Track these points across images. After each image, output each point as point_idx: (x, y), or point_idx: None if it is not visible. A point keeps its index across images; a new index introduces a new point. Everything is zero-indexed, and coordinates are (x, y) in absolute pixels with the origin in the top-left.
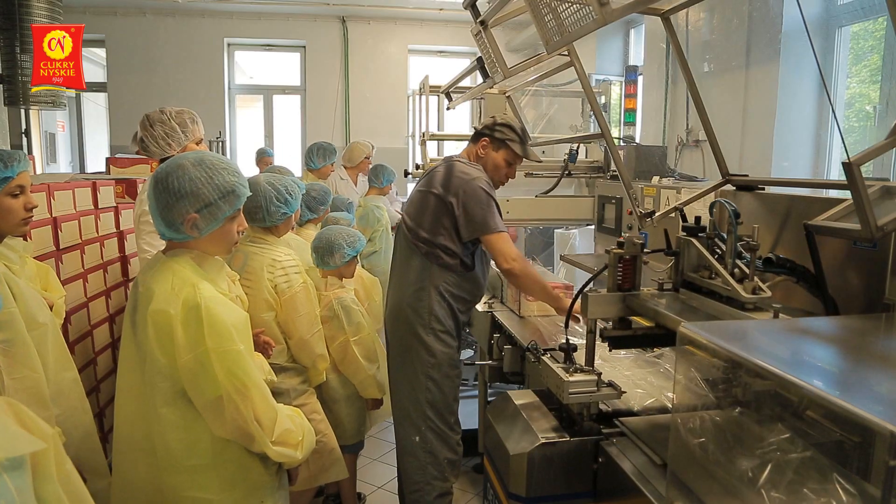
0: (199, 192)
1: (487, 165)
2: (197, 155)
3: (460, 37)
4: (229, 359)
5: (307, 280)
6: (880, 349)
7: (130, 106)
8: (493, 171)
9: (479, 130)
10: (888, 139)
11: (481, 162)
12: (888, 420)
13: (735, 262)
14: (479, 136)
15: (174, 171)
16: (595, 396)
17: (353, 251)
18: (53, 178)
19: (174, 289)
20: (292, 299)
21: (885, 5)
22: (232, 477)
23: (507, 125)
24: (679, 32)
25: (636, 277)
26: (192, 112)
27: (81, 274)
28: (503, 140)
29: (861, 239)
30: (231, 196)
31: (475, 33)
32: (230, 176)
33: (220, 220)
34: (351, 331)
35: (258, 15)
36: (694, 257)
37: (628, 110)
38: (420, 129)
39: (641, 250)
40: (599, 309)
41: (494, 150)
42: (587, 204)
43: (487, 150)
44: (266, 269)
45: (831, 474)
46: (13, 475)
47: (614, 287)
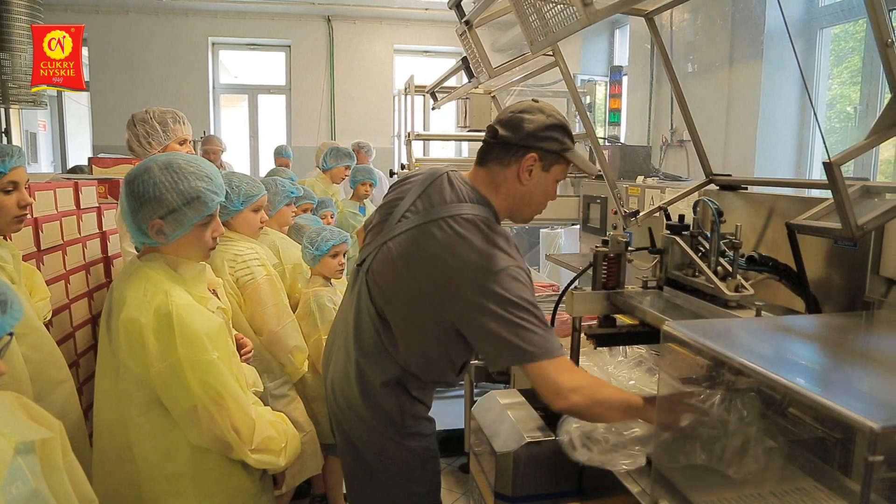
0: (162, 197)
1: (533, 196)
2: (167, 158)
3: (446, 37)
4: (202, 368)
5: (271, 272)
6: (861, 347)
7: (113, 105)
8: (540, 202)
9: (516, 142)
10: (867, 139)
11: (520, 192)
12: (868, 417)
13: (718, 261)
14: (522, 152)
15: (141, 174)
16: None
17: (316, 251)
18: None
19: (146, 296)
20: (255, 291)
21: (864, 8)
22: (212, 485)
23: (562, 126)
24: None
25: (621, 275)
26: (176, 112)
27: (63, 275)
28: (559, 153)
29: (841, 238)
30: (196, 203)
31: (460, 33)
32: (197, 181)
33: (186, 226)
34: (323, 328)
35: (243, 14)
36: (678, 255)
37: (613, 110)
38: (405, 129)
39: (626, 248)
40: (584, 307)
41: (545, 170)
42: (572, 204)
43: (535, 171)
44: (227, 265)
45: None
46: (26, 459)
47: (599, 285)
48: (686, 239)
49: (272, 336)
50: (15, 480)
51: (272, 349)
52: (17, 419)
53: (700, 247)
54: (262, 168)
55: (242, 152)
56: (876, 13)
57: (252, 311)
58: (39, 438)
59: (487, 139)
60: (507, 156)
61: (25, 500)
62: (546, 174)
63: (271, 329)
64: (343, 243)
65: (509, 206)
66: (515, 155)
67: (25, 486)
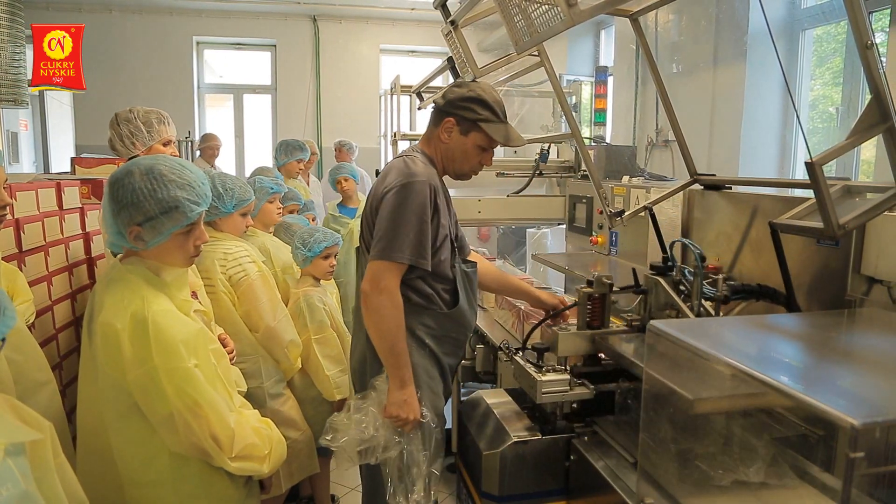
0: (140, 204)
1: (454, 153)
2: (150, 162)
3: (432, 37)
4: (178, 376)
5: (263, 269)
6: (843, 344)
7: (96, 105)
8: (462, 161)
9: (440, 107)
10: (848, 140)
11: (443, 149)
12: (849, 413)
13: (701, 304)
14: (443, 116)
15: (123, 177)
16: (568, 396)
17: (308, 252)
18: (16, 178)
19: (123, 300)
20: (250, 287)
21: (845, 10)
22: (193, 492)
23: (479, 100)
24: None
25: (605, 316)
26: (161, 112)
27: (46, 276)
28: (475, 121)
29: (824, 237)
30: (174, 213)
31: (446, 33)
32: (177, 190)
33: (164, 234)
34: (313, 328)
35: (228, 13)
36: (661, 296)
37: (598, 110)
38: (391, 129)
39: (610, 290)
40: (570, 347)
41: (463, 134)
42: (558, 203)
43: (453, 134)
44: (218, 263)
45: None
46: (16, 461)
47: (584, 325)
48: (669, 280)
49: (269, 331)
50: (5, 482)
51: (268, 345)
52: (7, 421)
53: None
54: (247, 168)
55: (228, 152)
56: (856, 15)
57: (247, 307)
58: (29, 440)
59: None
60: (437, 118)
61: (16, 502)
62: (464, 137)
63: (267, 324)
64: (335, 245)
65: (438, 159)
66: (439, 117)
67: (15, 488)
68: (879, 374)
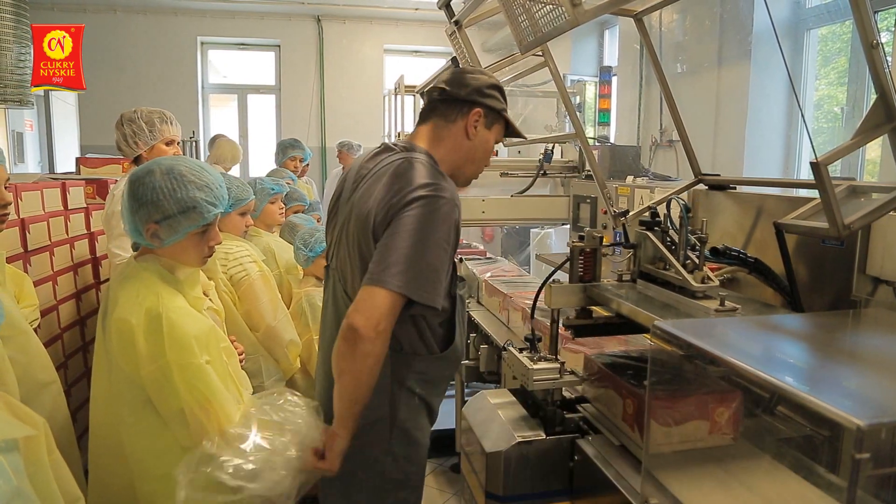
0: (159, 203)
1: (476, 152)
2: (171, 162)
3: (436, 37)
4: (190, 372)
5: (263, 268)
6: (848, 345)
7: (101, 105)
8: (482, 160)
9: (464, 97)
10: (854, 140)
11: (467, 147)
12: (855, 414)
13: (687, 254)
14: (470, 106)
15: (144, 175)
16: (558, 383)
17: (310, 252)
18: (21, 178)
19: (138, 297)
20: (251, 287)
21: (850, 9)
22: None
23: (500, 87)
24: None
25: (596, 269)
26: (164, 112)
27: (51, 276)
28: (500, 111)
29: (828, 237)
30: (192, 212)
31: (450, 33)
32: (196, 191)
33: (181, 233)
34: (315, 328)
35: (232, 13)
36: (650, 250)
37: (602, 110)
38: (395, 129)
39: (600, 244)
40: (562, 299)
41: (487, 127)
42: (562, 203)
43: (480, 128)
44: (219, 263)
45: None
46: (8, 457)
47: (576, 278)
48: (657, 234)
49: (269, 331)
50: None
51: (268, 344)
52: (0, 417)
53: (671, 241)
54: (251, 168)
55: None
56: (861, 14)
57: (248, 307)
58: (23, 436)
59: (433, 97)
60: (453, 111)
61: (8, 499)
62: (488, 132)
63: (268, 323)
64: None
65: (453, 160)
66: (461, 111)
67: (7, 484)
68: (885, 375)
